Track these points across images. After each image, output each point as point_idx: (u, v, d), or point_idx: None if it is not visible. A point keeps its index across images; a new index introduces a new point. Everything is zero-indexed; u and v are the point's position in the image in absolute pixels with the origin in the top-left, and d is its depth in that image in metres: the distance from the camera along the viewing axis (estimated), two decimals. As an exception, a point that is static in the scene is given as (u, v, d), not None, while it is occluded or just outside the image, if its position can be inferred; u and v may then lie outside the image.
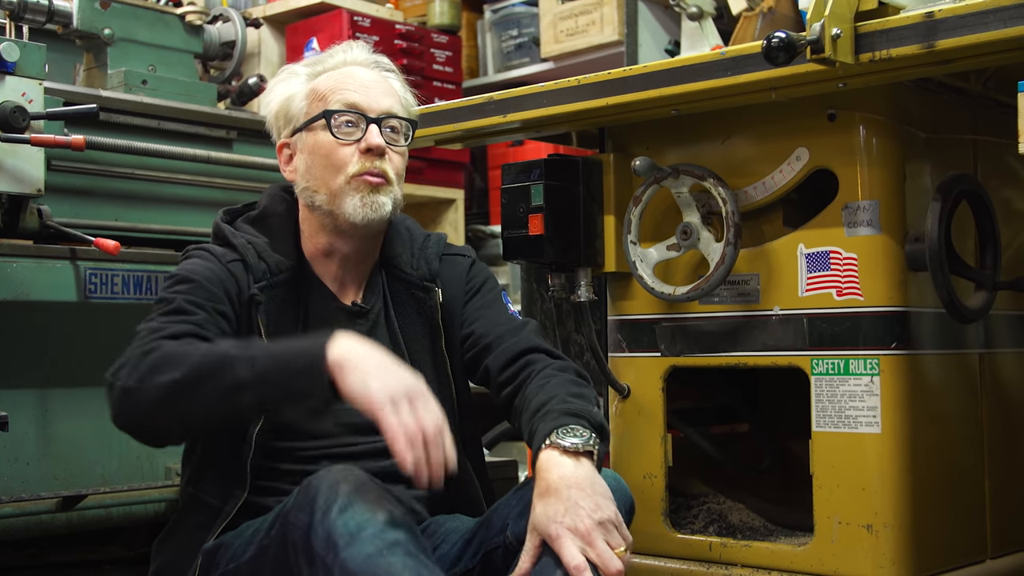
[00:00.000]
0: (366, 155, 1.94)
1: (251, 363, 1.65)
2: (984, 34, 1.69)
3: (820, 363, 2.04)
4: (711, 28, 3.03)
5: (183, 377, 1.65)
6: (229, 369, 1.65)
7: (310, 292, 2.00)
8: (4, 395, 2.65)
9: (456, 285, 2.07)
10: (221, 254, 1.94)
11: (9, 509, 2.61)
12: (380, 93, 1.99)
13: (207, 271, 1.89)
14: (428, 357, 2.02)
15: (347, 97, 1.97)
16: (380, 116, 1.97)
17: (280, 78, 2.06)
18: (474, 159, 4.64)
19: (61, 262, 2.70)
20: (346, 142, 1.95)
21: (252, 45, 3.99)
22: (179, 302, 1.82)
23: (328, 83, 1.99)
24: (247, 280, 1.92)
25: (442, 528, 1.94)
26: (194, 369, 1.66)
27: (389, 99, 2.00)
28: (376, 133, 1.95)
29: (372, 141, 1.94)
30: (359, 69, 2.02)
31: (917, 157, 2.09)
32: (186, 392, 1.66)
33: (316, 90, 2.00)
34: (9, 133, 2.56)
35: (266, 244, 1.97)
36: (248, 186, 3.14)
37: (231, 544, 1.83)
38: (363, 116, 1.96)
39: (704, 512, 2.32)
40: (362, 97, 1.97)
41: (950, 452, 2.12)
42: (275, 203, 2.05)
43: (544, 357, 1.95)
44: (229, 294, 1.89)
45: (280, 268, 1.96)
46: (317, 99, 1.99)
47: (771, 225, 2.16)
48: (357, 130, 1.95)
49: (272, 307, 1.93)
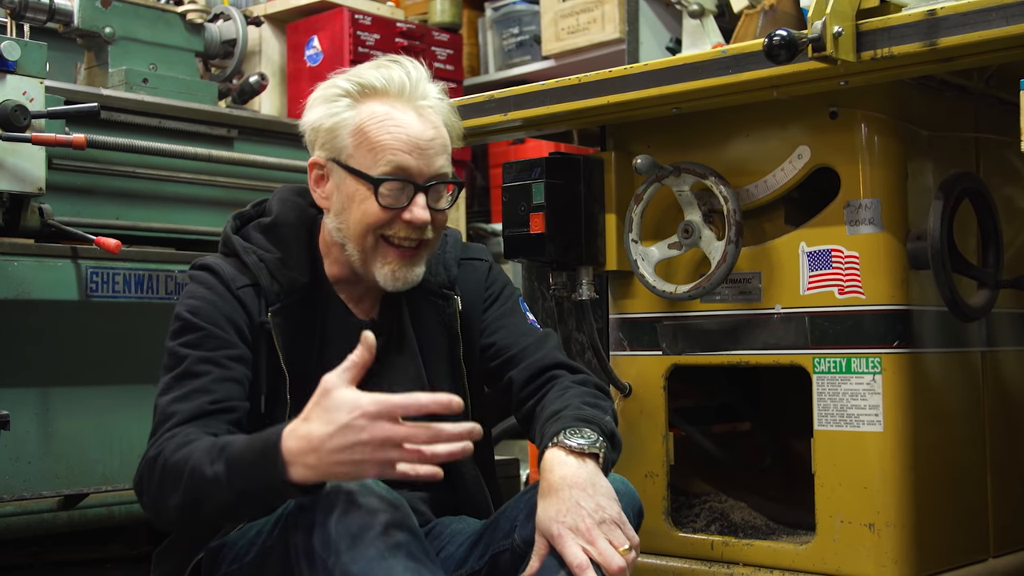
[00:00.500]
0: (408, 226, 1.85)
1: (226, 482, 1.59)
2: (986, 32, 1.69)
3: (822, 362, 2.03)
4: (712, 26, 3.03)
5: (182, 502, 1.65)
6: (212, 493, 1.61)
7: (327, 309, 1.94)
8: (5, 394, 2.65)
9: (474, 292, 2.04)
10: (231, 279, 1.86)
11: (11, 508, 2.61)
12: (433, 154, 1.85)
13: (214, 310, 1.82)
14: (446, 367, 2.00)
15: (397, 160, 1.83)
16: (429, 183, 1.85)
17: (324, 94, 1.89)
18: (475, 157, 4.64)
19: (62, 261, 2.70)
20: (389, 210, 1.84)
21: (253, 43, 3.98)
22: (188, 364, 1.77)
23: (377, 131, 1.84)
24: (258, 306, 1.85)
25: (448, 530, 1.93)
26: (187, 494, 1.64)
27: (441, 160, 1.87)
28: (422, 205, 1.83)
29: (417, 216, 1.83)
30: (412, 118, 1.86)
31: (919, 155, 2.09)
32: (193, 513, 1.66)
33: (364, 132, 1.84)
34: (10, 132, 2.56)
35: (278, 261, 1.89)
36: (249, 184, 3.14)
37: (234, 544, 1.82)
38: (411, 184, 1.84)
39: (706, 511, 2.32)
40: (414, 161, 1.83)
41: (952, 451, 2.12)
42: (287, 211, 1.96)
43: (566, 373, 1.94)
44: (240, 329, 1.83)
45: (294, 288, 1.89)
46: (365, 148, 1.84)
47: (773, 223, 2.15)
48: (403, 196, 1.84)
49: (288, 328, 1.88)
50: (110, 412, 2.81)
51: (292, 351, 1.88)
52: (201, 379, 1.76)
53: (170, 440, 1.69)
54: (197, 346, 1.79)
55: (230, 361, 1.80)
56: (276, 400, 1.86)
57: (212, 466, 1.60)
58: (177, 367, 1.78)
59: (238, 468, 1.58)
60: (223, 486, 1.59)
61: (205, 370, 1.77)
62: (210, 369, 1.77)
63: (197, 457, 1.63)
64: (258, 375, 1.85)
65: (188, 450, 1.65)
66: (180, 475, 1.63)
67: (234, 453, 1.60)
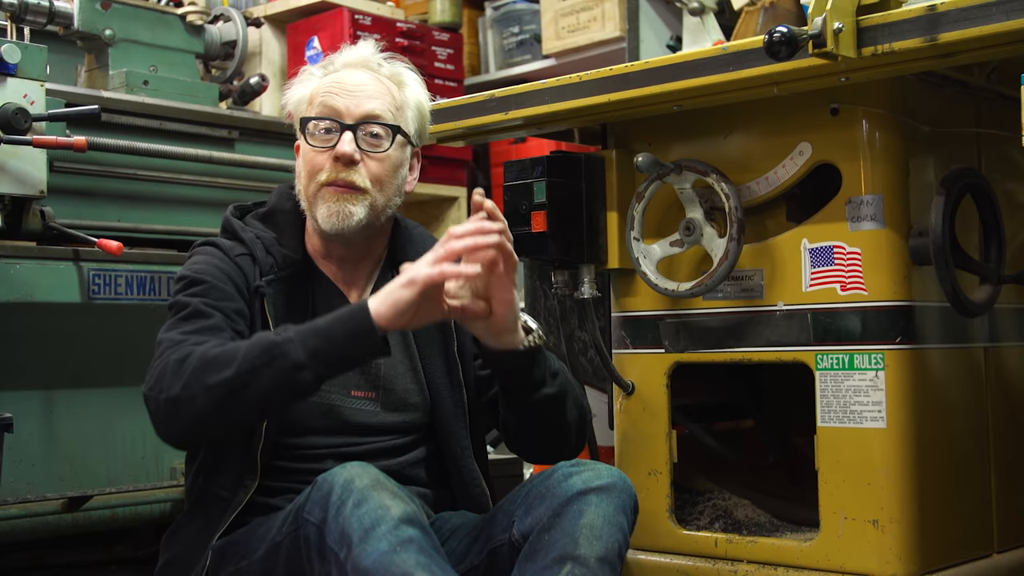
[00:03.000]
0: (335, 163, 1.93)
1: (300, 343, 1.68)
2: (987, 27, 1.69)
3: (825, 358, 2.03)
4: (713, 23, 3.04)
5: (235, 374, 1.67)
6: (280, 356, 1.67)
7: (317, 288, 2.01)
8: (8, 396, 2.65)
9: None
10: (229, 248, 1.95)
11: (15, 510, 2.61)
12: (365, 96, 1.96)
13: (216, 269, 1.90)
14: (440, 361, 2.03)
15: (328, 101, 1.95)
16: (357, 122, 1.94)
17: (297, 79, 2.05)
18: (476, 156, 4.64)
19: (64, 263, 2.70)
20: (320, 149, 1.94)
21: (253, 44, 3.98)
22: (195, 305, 1.84)
23: (320, 87, 1.98)
24: (254, 273, 1.93)
25: (447, 525, 1.94)
26: (245, 362, 1.68)
27: (374, 102, 1.96)
28: (347, 140, 1.93)
29: (339, 149, 1.92)
30: (353, 72, 1.99)
31: (920, 151, 2.09)
32: (241, 388, 1.68)
33: (311, 94, 1.99)
34: (11, 135, 2.56)
35: (273, 239, 1.98)
36: (251, 186, 3.14)
37: (242, 541, 1.83)
38: (338, 122, 1.94)
39: (709, 508, 2.32)
40: (342, 101, 1.95)
41: (955, 446, 2.12)
42: (283, 200, 2.06)
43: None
44: (239, 288, 1.91)
45: (287, 262, 1.97)
46: (308, 103, 1.99)
47: (774, 220, 2.15)
48: (333, 136, 1.94)
49: (279, 300, 1.94)
50: (113, 414, 2.82)
51: (283, 321, 1.91)
52: (210, 319, 1.83)
53: (199, 346, 1.74)
54: (203, 296, 1.86)
55: (233, 313, 1.87)
56: None
57: (276, 334, 1.71)
58: (184, 310, 1.84)
59: (314, 328, 1.70)
60: (295, 345, 1.67)
61: (212, 313, 1.84)
62: (215, 314, 1.84)
63: (255, 338, 1.73)
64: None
65: (234, 344, 1.73)
66: (229, 354, 1.69)
67: (303, 325, 1.72)
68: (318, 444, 1.93)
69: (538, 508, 1.76)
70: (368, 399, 1.97)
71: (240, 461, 1.89)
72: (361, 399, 1.97)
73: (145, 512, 2.84)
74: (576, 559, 1.68)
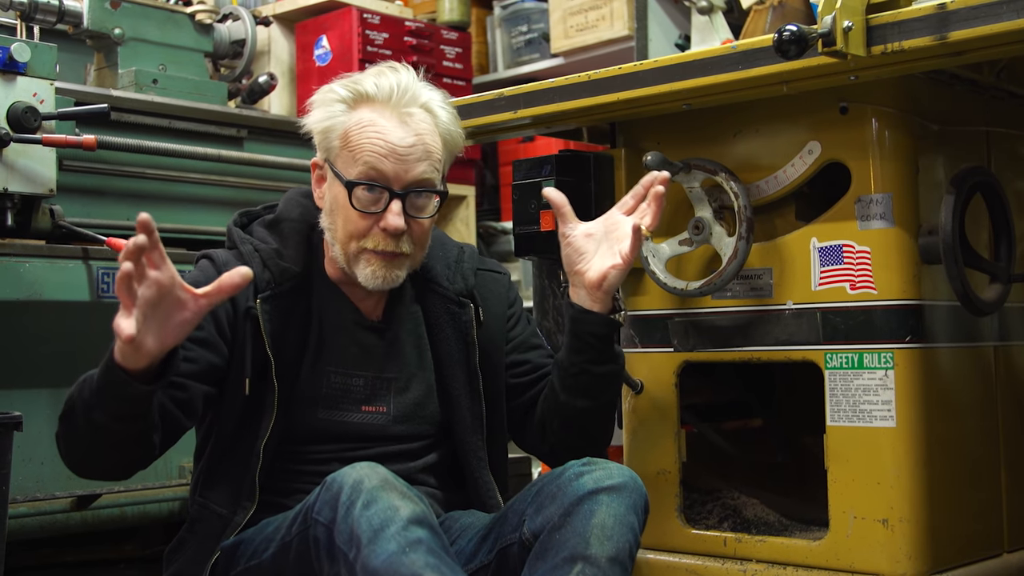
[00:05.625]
0: (383, 234, 1.88)
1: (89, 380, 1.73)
2: (996, 25, 1.68)
3: (834, 357, 2.03)
4: (721, 22, 3.03)
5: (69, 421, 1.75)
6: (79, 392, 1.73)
7: (327, 302, 1.98)
8: (18, 395, 2.66)
9: (496, 303, 2.09)
10: (223, 263, 1.90)
11: (24, 509, 2.62)
12: (414, 160, 1.88)
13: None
14: (462, 373, 2.02)
15: (373, 164, 1.86)
16: (406, 189, 1.88)
17: (323, 98, 1.95)
18: (485, 155, 4.64)
19: (73, 262, 2.71)
20: (365, 215, 1.88)
21: (262, 43, 3.99)
22: None
23: (358, 136, 1.88)
24: (247, 293, 1.87)
25: (457, 524, 1.94)
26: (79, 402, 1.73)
27: (422, 166, 1.89)
28: (396, 212, 1.86)
29: (389, 222, 1.86)
30: (394, 124, 1.88)
31: (930, 149, 2.08)
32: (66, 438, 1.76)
33: (348, 137, 1.89)
34: (21, 133, 2.57)
35: (274, 252, 1.93)
36: (259, 184, 3.15)
37: (251, 541, 1.83)
38: (386, 190, 1.87)
39: (718, 507, 2.32)
40: (391, 167, 1.86)
41: (965, 445, 2.11)
42: (291, 208, 2.01)
43: None
44: (215, 314, 1.84)
45: (285, 277, 1.92)
46: (347, 151, 1.89)
47: (783, 219, 2.15)
48: (379, 203, 1.87)
49: (276, 317, 1.90)
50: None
51: (281, 337, 1.90)
52: None
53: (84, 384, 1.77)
54: None
55: (189, 342, 1.79)
56: (263, 383, 1.88)
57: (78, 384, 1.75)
58: None
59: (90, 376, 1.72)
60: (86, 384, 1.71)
61: None
62: None
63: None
64: (243, 358, 1.88)
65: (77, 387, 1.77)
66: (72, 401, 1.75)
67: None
68: (324, 450, 1.94)
69: (549, 507, 1.76)
70: (379, 413, 1.97)
71: (238, 483, 1.88)
72: (372, 413, 1.97)
73: (153, 511, 2.85)
74: (587, 559, 1.67)
